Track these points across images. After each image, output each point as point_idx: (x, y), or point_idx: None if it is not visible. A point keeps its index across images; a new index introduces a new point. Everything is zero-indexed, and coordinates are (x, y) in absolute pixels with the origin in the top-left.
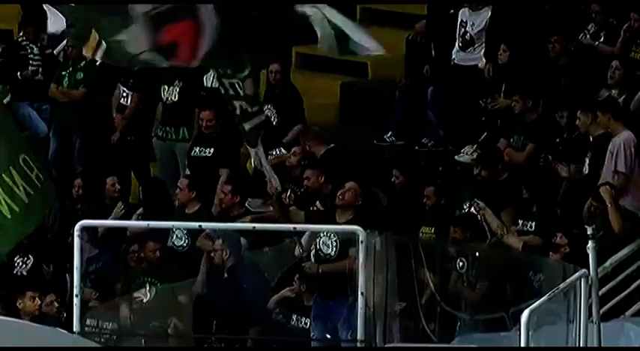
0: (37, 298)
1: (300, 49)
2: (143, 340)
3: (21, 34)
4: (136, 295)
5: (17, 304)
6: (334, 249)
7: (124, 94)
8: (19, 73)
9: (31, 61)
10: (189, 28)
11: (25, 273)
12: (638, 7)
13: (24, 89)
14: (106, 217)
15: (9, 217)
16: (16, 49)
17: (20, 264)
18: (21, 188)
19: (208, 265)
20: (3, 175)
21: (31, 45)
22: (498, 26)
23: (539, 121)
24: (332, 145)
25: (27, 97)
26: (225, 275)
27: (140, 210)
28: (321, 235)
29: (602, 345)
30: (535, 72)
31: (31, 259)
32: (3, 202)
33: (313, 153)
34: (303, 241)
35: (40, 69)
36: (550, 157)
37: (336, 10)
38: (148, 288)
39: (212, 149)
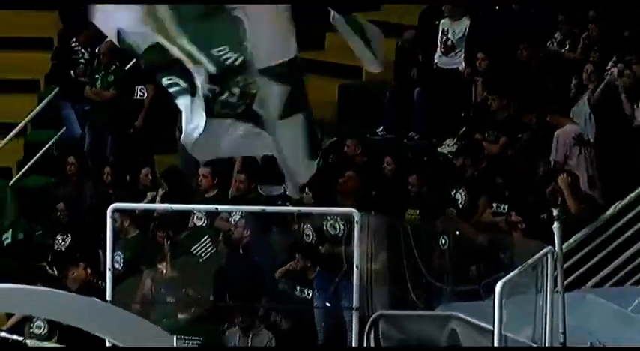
0: (76, 271)
1: (304, 54)
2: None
3: (74, 40)
4: (160, 267)
5: (62, 275)
6: (341, 230)
7: (141, 91)
8: (72, 72)
9: (80, 65)
10: None
11: (63, 249)
12: (597, 19)
13: (71, 90)
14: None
15: None
16: (68, 52)
17: (60, 241)
18: None
19: (225, 242)
20: None
21: (82, 49)
22: (476, 34)
23: (510, 117)
24: (334, 138)
25: (72, 98)
26: (241, 251)
27: (161, 192)
28: (329, 218)
29: (565, 312)
30: (508, 75)
31: (70, 237)
32: None
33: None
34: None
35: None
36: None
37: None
38: (172, 261)
39: None
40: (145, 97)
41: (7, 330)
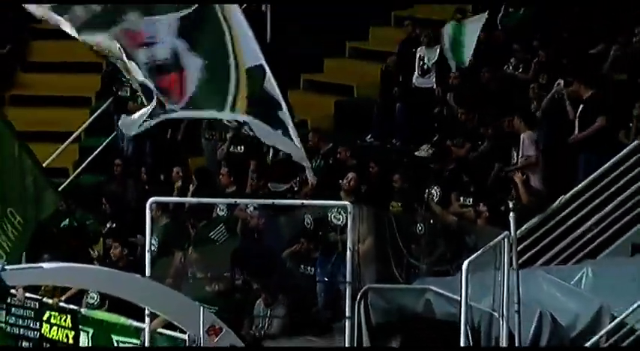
0: (118, 252)
1: (307, 76)
2: (190, 280)
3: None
4: (187, 249)
5: (110, 253)
6: (344, 220)
7: None
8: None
9: (124, 84)
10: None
11: (109, 231)
12: (545, 45)
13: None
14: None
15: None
16: (114, 74)
17: (108, 228)
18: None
19: (243, 228)
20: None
21: None
22: (446, 60)
23: (473, 127)
24: (330, 144)
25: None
26: (256, 236)
27: (192, 188)
28: (333, 210)
29: (519, 287)
30: (473, 93)
31: (114, 224)
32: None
33: (320, 148)
34: None
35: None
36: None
37: None
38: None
39: (243, 147)
40: None
41: (64, 300)
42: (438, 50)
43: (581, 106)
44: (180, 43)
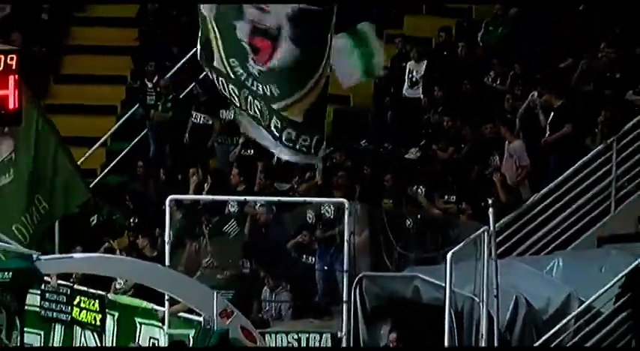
0: (140, 244)
1: None
2: (209, 271)
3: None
4: (201, 241)
5: (136, 242)
6: (332, 213)
7: (197, 116)
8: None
9: (147, 95)
10: None
11: (132, 225)
12: (520, 60)
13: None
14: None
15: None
16: (143, 86)
17: (131, 220)
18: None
19: (252, 223)
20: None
21: (147, 82)
22: (432, 73)
23: (457, 132)
24: (331, 148)
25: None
26: (263, 230)
27: (207, 186)
28: (329, 207)
29: (497, 275)
30: (456, 102)
31: (137, 219)
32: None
33: None
34: None
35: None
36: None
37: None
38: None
39: (252, 150)
40: (199, 120)
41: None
42: (425, 65)
43: (552, 114)
44: (286, 27)
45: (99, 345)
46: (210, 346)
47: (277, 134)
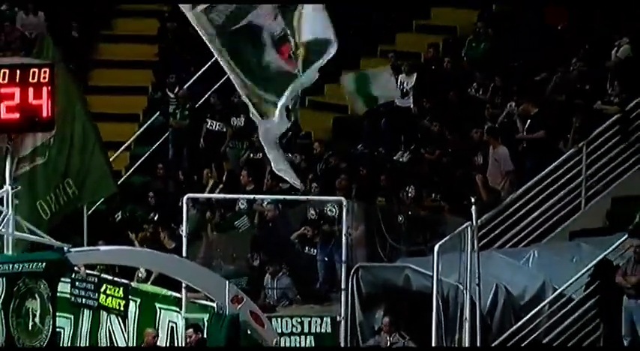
0: (160, 237)
1: (310, 97)
2: (221, 261)
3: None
4: (213, 235)
5: (158, 237)
6: (337, 212)
7: (211, 123)
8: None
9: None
10: None
11: (154, 220)
12: (500, 72)
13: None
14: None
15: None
16: (164, 97)
17: (152, 216)
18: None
19: (260, 219)
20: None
21: (168, 92)
22: (421, 84)
23: (443, 138)
24: (330, 152)
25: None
26: (270, 224)
27: (220, 185)
28: (329, 205)
29: (479, 265)
30: (443, 111)
31: (157, 214)
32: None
33: (322, 155)
34: None
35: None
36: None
37: None
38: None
39: (260, 154)
40: (213, 127)
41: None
42: (415, 77)
43: (529, 121)
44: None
45: (123, 328)
46: (222, 328)
47: None
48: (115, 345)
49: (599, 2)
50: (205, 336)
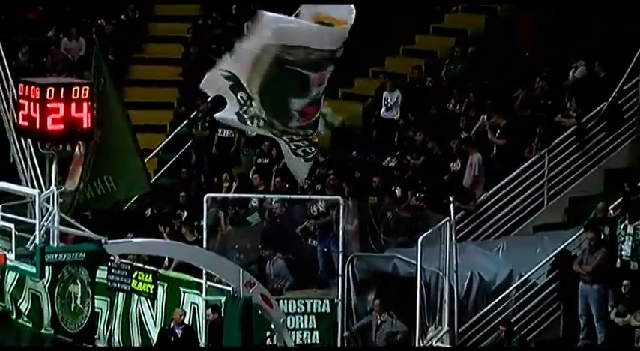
0: (186, 231)
1: None
2: (236, 252)
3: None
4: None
5: (181, 231)
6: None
7: (222, 131)
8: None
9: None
10: None
11: (181, 217)
12: (474, 89)
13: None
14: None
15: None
16: (189, 111)
17: (180, 213)
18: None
19: (269, 215)
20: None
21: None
22: (407, 100)
23: (425, 146)
24: (327, 157)
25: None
26: (278, 220)
27: (235, 186)
28: (323, 202)
29: (457, 255)
30: (425, 123)
31: (186, 213)
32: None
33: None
34: None
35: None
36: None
37: None
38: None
39: (267, 159)
40: (224, 135)
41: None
42: (397, 93)
43: (499, 131)
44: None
45: (151, 309)
46: (237, 308)
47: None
48: (145, 323)
49: (561, 29)
50: (222, 315)
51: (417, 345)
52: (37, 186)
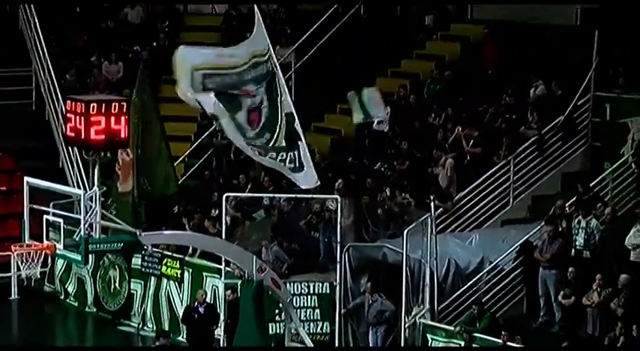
0: (209, 225)
1: (315, 123)
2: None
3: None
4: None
5: (204, 224)
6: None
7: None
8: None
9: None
10: None
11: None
12: (451, 105)
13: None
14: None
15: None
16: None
17: (204, 210)
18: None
19: (278, 211)
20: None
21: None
22: (394, 115)
23: (410, 153)
24: (327, 161)
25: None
26: (285, 215)
27: (249, 186)
28: (328, 200)
29: (437, 244)
30: (409, 134)
31: (217, 211)
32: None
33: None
34: None
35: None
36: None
37: None
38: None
39: None
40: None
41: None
42: (386, 108)
43: (472, 141)
44: (264, 95)
45: (178, 291)
46: (251, 290)
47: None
48: (172, 303)
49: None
50: (239, 295)
51: (402, 321)
52: (81, 187)
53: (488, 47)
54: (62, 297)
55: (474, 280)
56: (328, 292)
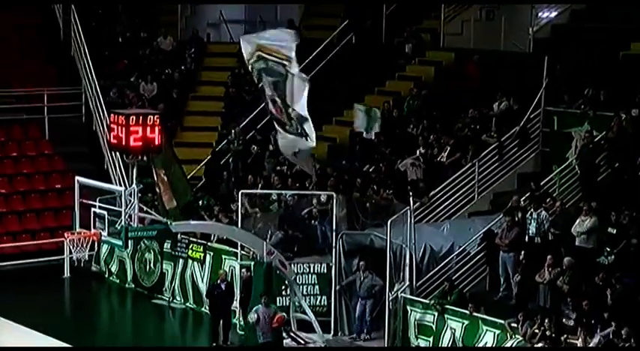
0: (223, 217)
1: (319, 133)
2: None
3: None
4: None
5: (215, 212)
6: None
7: (253, 147)
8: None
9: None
10: None
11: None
12: (427, 118)
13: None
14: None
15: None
16: (229, 133)
17: (221, 205)
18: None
19: (284, 205)
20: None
21: (232, 129)
22: (384, 126)
23: (393, 157)
24: (323, 165)
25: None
26: (290, 208)
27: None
28: (324, 196)
29: (415, 232)
30: (393, 142)
31: (235, 205)
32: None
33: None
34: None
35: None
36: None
37: None
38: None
39: (285, 167)
40: (253, 150)
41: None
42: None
43: (447, 148)
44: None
45: (200, 270)
46: (262, 269)
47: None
48: (196, 281)
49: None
50: (252, 274)
51: (387, 295)
52: (122, 184)
53: (471, 68)
54: (106, 275)
55: (446, 261)
56: (325, 271)
